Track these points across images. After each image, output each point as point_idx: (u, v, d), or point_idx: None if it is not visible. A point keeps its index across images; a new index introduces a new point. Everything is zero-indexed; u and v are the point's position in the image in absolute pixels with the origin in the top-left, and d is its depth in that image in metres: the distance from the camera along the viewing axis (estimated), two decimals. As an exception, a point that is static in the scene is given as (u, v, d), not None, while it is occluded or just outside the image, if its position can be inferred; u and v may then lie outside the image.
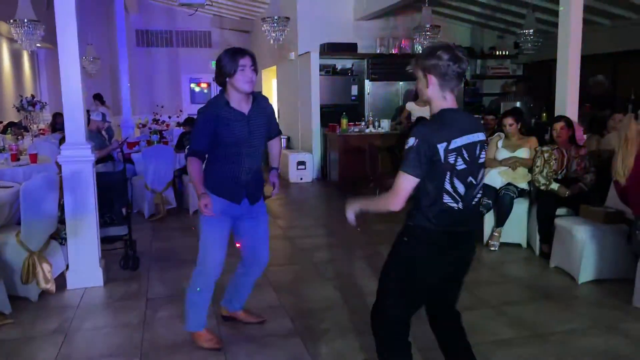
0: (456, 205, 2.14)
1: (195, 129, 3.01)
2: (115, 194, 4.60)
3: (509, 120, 5.18)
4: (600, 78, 8.07)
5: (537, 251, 4.91)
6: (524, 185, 5.10)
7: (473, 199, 2.20)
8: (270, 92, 12.94)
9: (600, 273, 4.17)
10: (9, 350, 3.20)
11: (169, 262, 4.81)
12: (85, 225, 4.13)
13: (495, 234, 5.04)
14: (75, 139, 4.08)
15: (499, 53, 10.65)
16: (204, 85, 15.12)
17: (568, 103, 5.23)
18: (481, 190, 2.26)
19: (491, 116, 6.98)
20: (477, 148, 2.18)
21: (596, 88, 8.01)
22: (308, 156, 9.23)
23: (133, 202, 6.40)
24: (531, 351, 3.13)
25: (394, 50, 9.68)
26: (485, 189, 4.79)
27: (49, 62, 13.57)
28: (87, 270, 4.17)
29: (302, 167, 9.13)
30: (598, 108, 7.29)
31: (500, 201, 4.98)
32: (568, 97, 5.24)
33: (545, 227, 4.72)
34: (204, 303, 3.17)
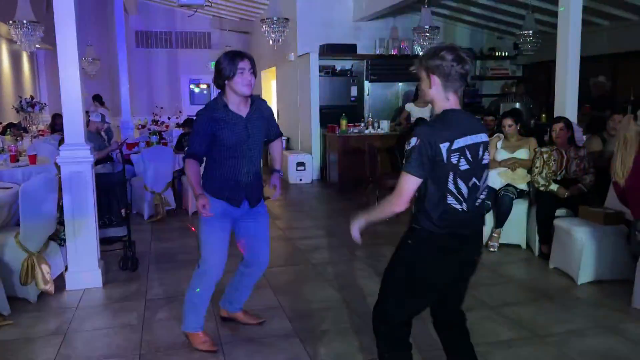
0: (460, 207, 2.12)
1: (193, 132, 3.02)
2: (114, 195, 4.61)
3: (508, 121, 5.18)
4: (601, 79, 8.08)
5: (537, 252, 4.91)
6: (523, 186, 5.10)
7: (477, 200, 2.18)
8: (270, 93, 12.94)
9: (600, 274, 4.17)
10: (8, 351, 3.20)
11: (168, 263, 4.81)
12: (84, 226, 4.13)
13: (494, 234, 5.05)
14: (74, 140, 4.08)
15: (498, 54, 10.66)
16: (203, 86, 15.12)
17: (567, 104, 5.24)
18: (485, 192, 2.23)
19: (490, 117, 7.00)
20: (480, 149, 2.17)
21: (597, 89, 8.02)
22: (307, 157, 9.24)
23: (132, 203, 6.40)
24: (530, 352, 3.13)
25: (394, 52, 9.70)
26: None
27: (49, 63, 13.60)
28: (86, 271, 4.17)
29: (302, 168, 9.14)
30: (598, 109, 7.30)
31: (499, 202, 4.98)
32: (567, 98, 5.24)
33: (545, 228, 4.73)
34: (203, 304, 3.16)
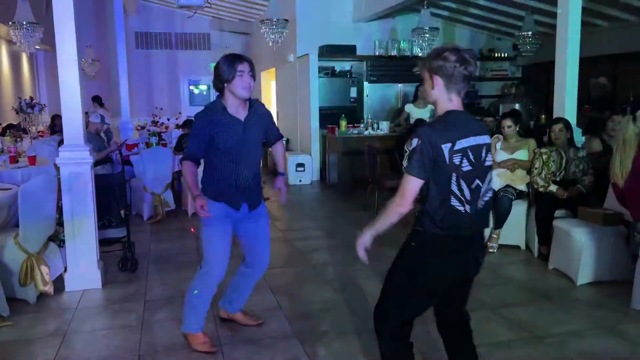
0: (463, 208, 2.11)
1: (191, 134, 3.03)
2: (113, 196, 4.61)
3: (507, 122, 5.19)
4: (602, 80, 8.08)
5: (536, 253, 4.91)
6: (522, 187, 5.11)
7: (480, 202, 2.16)
8: (269, 94, 12.95)
9: (599, 275, 4.17)
10: (7, 352, 3.20)
11: (167, 264, 4.81)
12: (83, 227, 4.13)
13: (493, 235, 5.05)
14: (73, 141, 4.08)
15: (497, 55, 10.67)
16: (203, 87, 15.12)
17: (567, 105, 5.24)
18: (489, 194, 2.21)
19: (490, 118, 6.99)
20: (483, 151, 2.15)
21: (597, 90, 8.02)
22: (307, 158, 9.24)
23: (132, 204, 6.40)
24: (530, 353, 3.13)
25: (393, 53, 9.70)
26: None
27: (48, 64, 13.59)
28: (86, 272, 4.16)
29: (301, 169, 9.14)
30: (598, 110, 7.30)
31: (498, 203, 4.99)
32: (567, 99, 5.24)
33: (544, 229, 4.73)
34: (204, 305, 3.17)
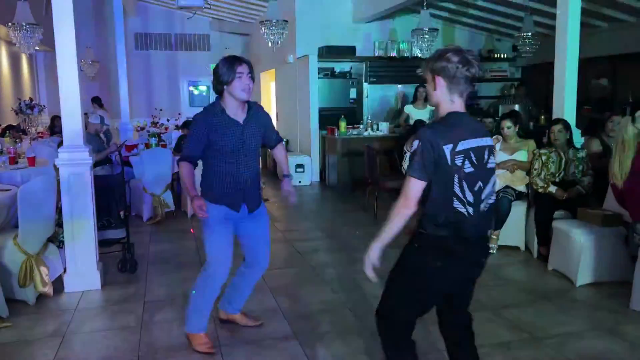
0: (466, 211, 2.09)
1: (189, 135, 3.03)
2: (113, 196, 4.61)
3: (506, 123, 5.19)
4: (603, 82, 8.10)
5: (535, 254, 4.91)
6: (521, 188, 5.11)
7: (484, 204, 2.15)
8: (269, 95, 12.95)
9: (598, 276, 4.17)
10: (7, 353, 3.20)
11: (167, 265, 4.80)
12: (83, 228, 4.12)
13: (493, 236, 5.05)
14: (73, 142, 4.08)
15: (497, 56, 10.67)
16: (202, 88, 15.12)
17: (566, 106, 5.24)
18: (493, 197, 2.19)
19: (489, 119, 6.99)
20: (486, 153, 2.14)
21: (598, 91, 8.03)
22: (306, 159, 9.24)
23: (131, 205, 6.39)
24: (529, 354, 3.13)
25: (393, 53, 9.71)
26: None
27: (48, 65, 13.59)
28: (85, 273, 4.16)
29: (301, 170, 9.14)
30: (598, 111, 7.31)
31: (498, 204, 4.99)
32: (566, 100, 5.24)
33: (543, 230, 4.73)
34: (208, 306, 3.18)
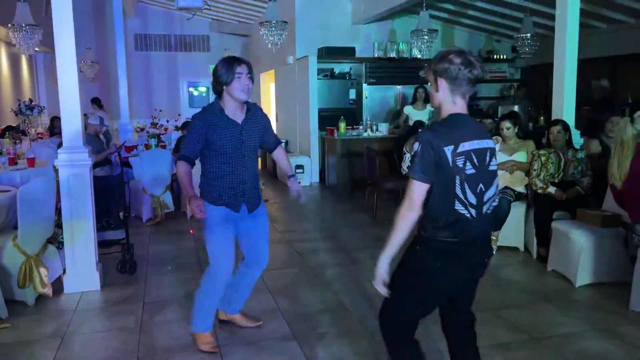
0: (468, 213, 2.08)
1: (187, 134, 3.03)
2: (112, 197, 4.61)
3: (506, 123, 5.19)
4: (603, 83, 8.10)
5: (535, 255, 4.92)
6: (521, 188, 5.11)
7: (486, 207, 2.14)
8: (269, 96, 12.96)
9: (598, 276, 4.18)
10: (6, 354, 3.20)
11: (166, 266, 4.80)
12: (82, 229, 4.13)
13: (492, 237, 5.04)
14: (72, 143, 4.08)
15: (496, 57, 10.69)
16: (202, 89, 15.13)
17: (565, 106, 5.24)
18: (497, 200, 2.17)
19: (488, 120, 6.99)
20: (487, 155, 2.14)
21: (598, 92, 8.03)
22: (306, 160, 9.25)
23: (131, 206, 6.40)
24: (528, 354, 3.14)
25: (392, 54, 9.71)
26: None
27: (47, 66, 13.60)
28: (84, 274, 4.16)
29: (300, 171, 9.14)
30: (599, 112, 7.30)
31: (497, 205, 4.98)
32: (565, 101, 5.24)
33: (543, 231, 4.73)
34: (213, 306, 3.20)
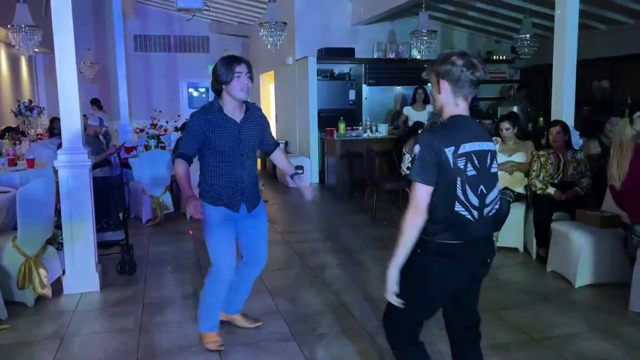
0: (469, 215, 2.08)
1: (186, 132, 3.03)
2: (112, 198, 4.61)
3: (505, 124, 5.20)
4: (604, 84, 8.10)
5: (534, 255, 4.92)
6: (520, 189, 5.12)
7: (487, 209, 2.13)
8: (268, 97, 12.96)
9: (597, 277, 4.18)
10: (5, 355, 3.20)
11: (165, 267, 4.80)
12: (82, 230, 4.13)
13: (492, 238, 5.04)
14: (72, 144, 4.08)
15: (495, 58, 10.69)
16: (202, 90, 15.14)
17: (564, 107, 5.24)
18: (498, 203, 2.18)
19: (488, 121, 7.01)
20: (488, 157, 2.14)
21: (599, 93, 8.04)
22: (306, 160, 9.25)
23: (130, 207, 6.39)
24: (528, 355, 3.14)
25: (391, 55, 9.72)
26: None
27: (47, 67, 13.60)
28: (84, 275, 4.16)
29: (300, 172, 9.13)
30: (599, 113, 7.31)
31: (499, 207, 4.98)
32: (564, 102, 5.25)
33: (542, 232, 4.74)
34: (217, 306, 3.21)
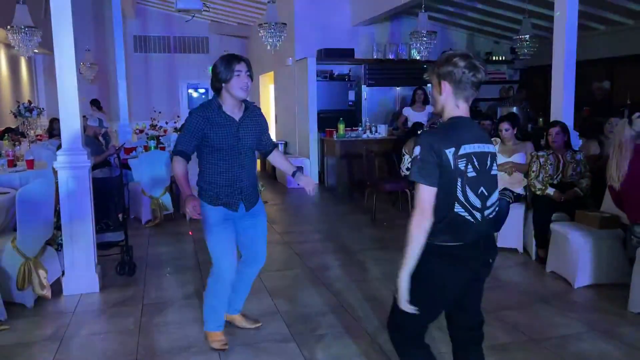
0: (470, 216, 2.07)
1: (184, 129, 3.02)
2: (111, 199, 4.61)
3: (505, 125, 5.21)
4: (605, 84, 8.11)
5: (534, 256, 4.92)
6: (520, 190, 5.12)
7: (487, 210, 2.13)
8: (268, 98, 12.96)
9: (596, 278, 4.18)
10: (5, 356, 3.19)
11: (165, 268, 4.80)
12: (81, 231, 4.13)
13: (491, 238, 5.05)
14: (71, 145, 4.08)
15: (495, 58, 10.70)
16: (201, 90, 15.14)
17: (564, 108, 5.24)
18: (497, 206, 2.19)
19: (488, 121, 7.00)
20: (489, 159, 2.14)
21: (600, 93, 8.04)
22: (305, 161, 9.25)
23: (130, 208, 6.40)
24: (527, 356, 3.14)
25: (391, 56, 9.72)
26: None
27: (47, 68, 13.59)
28: (83, 276, 4.16)
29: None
30: (598, 113, 7.31)
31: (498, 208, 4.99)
32: (564, 102, 5.25)
33: (542, 232, 4.74)
34: (222, 306, 3.22)
